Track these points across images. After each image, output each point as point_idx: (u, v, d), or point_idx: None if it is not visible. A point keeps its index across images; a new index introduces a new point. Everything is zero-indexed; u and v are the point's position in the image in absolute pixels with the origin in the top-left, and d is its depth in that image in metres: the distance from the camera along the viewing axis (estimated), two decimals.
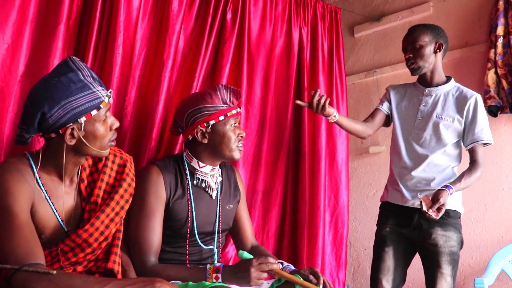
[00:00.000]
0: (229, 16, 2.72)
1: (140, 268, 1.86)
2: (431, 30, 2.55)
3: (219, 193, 2.12)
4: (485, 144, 2.47)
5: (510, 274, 2.84)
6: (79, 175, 1.70)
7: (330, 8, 3.37)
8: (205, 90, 2.18)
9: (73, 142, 1.53)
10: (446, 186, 2.28)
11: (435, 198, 2.22)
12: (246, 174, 2.77)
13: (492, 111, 3.08)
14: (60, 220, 1.60)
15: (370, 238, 3.47)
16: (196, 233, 2.02)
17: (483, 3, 3.31)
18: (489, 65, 3.11)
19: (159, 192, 1.97)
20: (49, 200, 1.57)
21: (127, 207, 1.73)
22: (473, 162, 2.43)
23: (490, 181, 3.17)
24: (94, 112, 1.53)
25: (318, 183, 3.00)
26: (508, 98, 3.03)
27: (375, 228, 2.75)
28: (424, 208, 2.20)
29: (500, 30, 3.09)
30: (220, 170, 2.17)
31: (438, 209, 2.21)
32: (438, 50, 2.55)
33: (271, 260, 1.72)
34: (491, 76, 3.10)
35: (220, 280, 1.72)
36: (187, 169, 2.06)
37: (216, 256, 2.10)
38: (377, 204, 3.49)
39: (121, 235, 1.73)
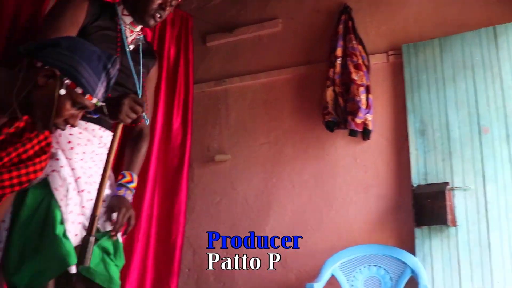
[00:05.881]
0: None
1: None
2: None
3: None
4: None
5: (339, 278, 3.04)
6: None
7: (182, 15, 3.35)
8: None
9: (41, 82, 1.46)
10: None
11: None
12: None
13: (329, 126, 3.29)
14: None
15: None
16: None
17: (326, 25, 3.54)
18: (328, 82, 3.32)
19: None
20: None
21: None
22: None
23: (326, 192, 3.37)
24: (78, 90, 1.50)
25: (144, 191, 2.94)
26: (343, 115, 3.25)
27: None
28: None
29: (339, 51, 3.32)
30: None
31: None
32: None
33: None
34: (329, 93, 3.30)
35: None
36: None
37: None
38: (221, 211, 3.55)
39: None
